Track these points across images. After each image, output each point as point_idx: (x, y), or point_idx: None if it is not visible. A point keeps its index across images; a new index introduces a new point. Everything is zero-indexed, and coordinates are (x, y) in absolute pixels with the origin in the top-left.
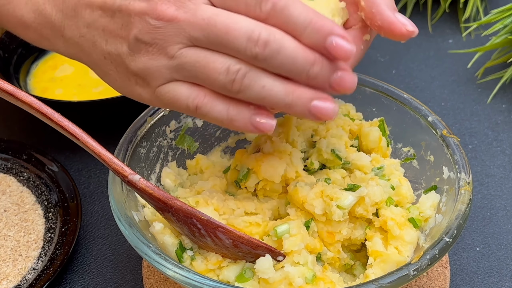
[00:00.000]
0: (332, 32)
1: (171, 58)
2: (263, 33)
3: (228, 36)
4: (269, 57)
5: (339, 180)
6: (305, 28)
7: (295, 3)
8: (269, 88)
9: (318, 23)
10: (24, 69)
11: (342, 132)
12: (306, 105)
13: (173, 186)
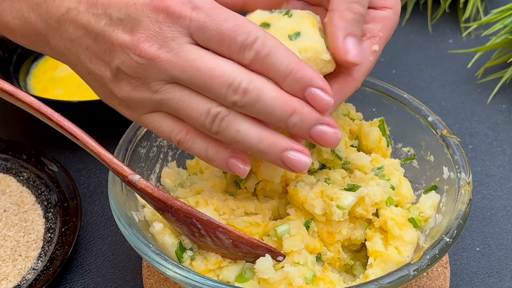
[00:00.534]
0: (311, 83)
1: (154, 92)
2: (244, 81)
3: (211, 81)
4: (247, 105)
5: (339, 180)
6: (285, 77)
7: (279, 51)
8: (244, 134)
9: (299, 73)
10: (24, 69)
11: (342, 132)
12: (278, 154)
13: (173, 186)
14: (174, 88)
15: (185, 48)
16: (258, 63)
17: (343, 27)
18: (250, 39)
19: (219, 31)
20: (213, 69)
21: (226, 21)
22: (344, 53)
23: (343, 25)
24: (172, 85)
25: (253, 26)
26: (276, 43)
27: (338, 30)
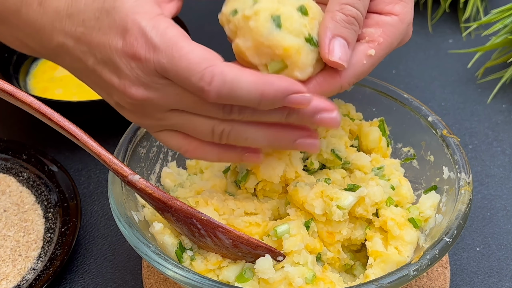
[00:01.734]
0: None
1: (157, 120)
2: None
3: (205, 106)
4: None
5: (339, 180)
6: (258, 103)
7: (241, 83)
8: (252, 139)
9: (270, 94)
10: (24, 69)
11: (342, 132)
12: (290, 145)
13: (173, 186)
14: (174, 114)
15: (168, 82)
16: (225, 100)
17: (332, 28)
18: (206, 80)
19: (176, 73)
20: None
21: (180, 60)
22: (327, 52)
23: (332, 25)
24: (172, 112)
25: (207, 61)
26: (234, 75)
27: (327, 30)
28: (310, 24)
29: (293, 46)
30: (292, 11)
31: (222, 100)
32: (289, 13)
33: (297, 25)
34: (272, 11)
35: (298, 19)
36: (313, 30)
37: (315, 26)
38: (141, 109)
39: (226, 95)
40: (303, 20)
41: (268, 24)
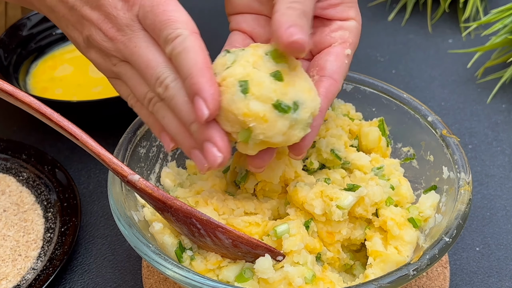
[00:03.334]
0: (198, 92)
1: (113, 65)
2: (168, 78)
3: (146, 70)
4: (167, 99)
5: (339, 180)
6: (185, 79)
7: (190, 53)
8: (167, 122)
9: (193, 79)
10: (24, 69)
11: (341, 132)
12: (187, 149)
13: (173, 186)
14: (127, 66)
15: (137, 35)
16: (173, 59)
17: (286, 20)
18: (173, 35)
19: (154, 21)
20: (150, 60)
21: (163, 13)
22: (287, 36)
23: (286, 18)
24: (126, 63)
25: (184, 24)
26: (193, 45)
27: (282, 22)
28: (283, 90)
29: (256, 112)
30: (263, 77)
31: (172, 57)
32: (259, 79)
33: (265, 91)
34: (241, 76)
35: (268, 85)
36: (285, 96)
37: (288, 92)
38: (104, 48)
39: (176, 54)
40: (273, 86)
41: (234, 89)
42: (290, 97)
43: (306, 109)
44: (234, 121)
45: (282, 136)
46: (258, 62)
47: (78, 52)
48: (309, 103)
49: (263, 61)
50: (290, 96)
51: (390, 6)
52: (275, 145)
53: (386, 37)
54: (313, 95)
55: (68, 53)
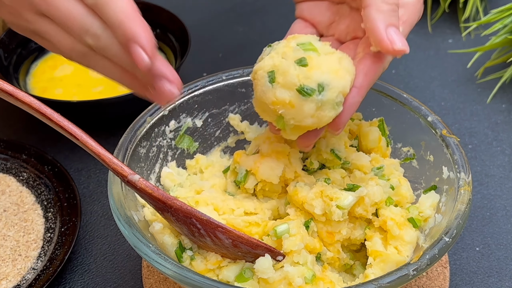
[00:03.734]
0: (133, 39)
1: (29, 22)
2: (97, 27)
3: (69, 22)
4: (101, 49)
5: (339, 180)
6: (116, 28)
7: (118, 1)
8: (108, 71)
9: (124, 27)
10: (24, 69)
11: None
12: (140, 92)
13: (173, 186)
14: (45, 21)
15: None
16: (98, 8)
17: (383, 19)
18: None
19: None
20: (70, 11)
21: None
22: (390, 43)
23: (382, 17)
24: (43, 17)
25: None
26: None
27: (379, 22)
28: (306, 74)
29: (282, 99)
30: (289, 65)
31: (96, 8)
32: (285, 68)
33: (290, 78)
34: (269, 67)
35: (292, 72)
36: (309, 79)
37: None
38: (16, 5)
39: (103, 4)
40: (297, 72)
41: (263, 80)
42: (314, 80)
43: (333, 89)
44: (269, 110)
45: (311, 118)
46: (287, 53)
47: None
48: (335, 83)
49: (292, 51)
50: (314, 79)
51: None
52: (309, 128)
53: None
54: (342, 74)
55: None
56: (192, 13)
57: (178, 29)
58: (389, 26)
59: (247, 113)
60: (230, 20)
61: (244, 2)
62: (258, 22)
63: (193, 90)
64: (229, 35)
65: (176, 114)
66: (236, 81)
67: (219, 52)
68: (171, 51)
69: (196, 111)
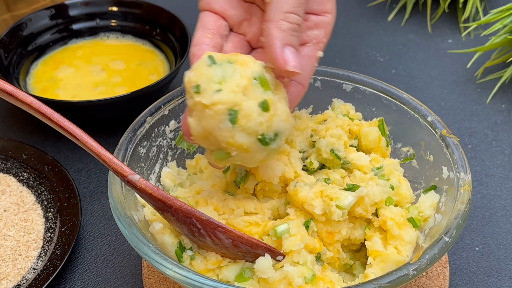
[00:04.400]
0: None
1: None
2: None
3: None
4: None
5: (339, 180)
6: None
7: None
8: None
9: None
10: (24, 69)
11: (341, 132)
12: None
13: (173, 186)
14: None
15: None
16: None
17: (281, 37)
18: None
19: None
20: None
21: None
22: (283, 63)
23: (280, 35)
24: None
25: None
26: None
27: (276, 40)
28: (268, 122)
29: (240, 144)
30: (252, 108)
31: None
32: (249, 110)
33: (253, 124)
34: (232, 104)
35: (256, 118)
36: (270, 129)
37: (273, 124)
38: None
39: None
40: (261, 118)
41: (223, 117)
42: (273, 129)
43: (283, 138)
44: (215, 143)
45: (257, 163)
46: (248, 88)
47: (79, 52)
48: (287, 131)
49: (252, 87)
50: (273, 128)
51: (390, 6)
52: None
53: (386, 37)
54: (291, 121)
55: (69, 53)
56: (192, 13)
57: (178, 29)
58: (286, 46)
59: None
60: None
61: None
62: None
63: None
64: None
65: (176, 114)
66: None
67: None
68: (171, 51)
69: None
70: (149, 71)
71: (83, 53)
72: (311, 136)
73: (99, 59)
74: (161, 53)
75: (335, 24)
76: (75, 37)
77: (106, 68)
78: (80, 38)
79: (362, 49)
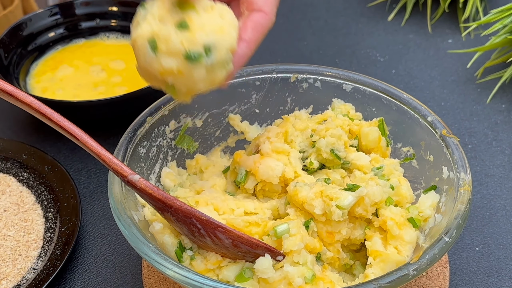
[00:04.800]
0: None
1: None
2: None
3: None
4: None
5: (339, 180)
6: None
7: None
8: None
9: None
10: (24, 69)
11: (341, 132)
12: None
13: (173, 186)
14: None
15: None
16: None
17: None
18: None
19: None
20: None
21: None
22: None
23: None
24: None
25: None
26: None
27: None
28: (190, 38)
29: (169, 69)
30: (169, 31)
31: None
32: (165, 34)
33: (173, 45)
34: (149, 34)
35: (174, 38)
36: (194, 44)
37: (197, 38)
38: None
39: None
40: (181, 37)
41: (145, 50)
42: (200, 43)
43: (221, 49)
44: (157, 79)
45: (203, 82)
46: (164, 16)
47: (78, 53)
48: (222, 42)
49: (169, 13)
50: (199, 42)
51: (390, 6)
52: (203, 91)
53: (386, 37)
54: (227, 31)
55: (69, 53)
56: None
57: None
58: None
59: (247, 113)
60: None
61: None
62: None
63: None
64: None
65: (176, 114)
66: (236, 81)
67: None
68: None
69: (196, 111)
70: None
71: (83, 53)
72: (311, 136)
73: (99, 59)
74: None
75: (335, 24)
76: (75, 37)
77: (106, 68)
78: (80, 38)
79: (362, 49)
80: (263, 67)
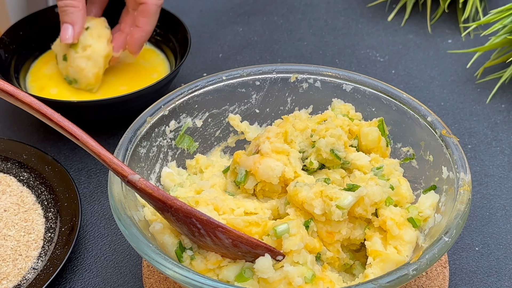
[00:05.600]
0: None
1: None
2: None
3: None
4: None
5: (339, 180)
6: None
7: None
8: None
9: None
10: (24, 69)
11: (341, 132)
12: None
13: (173, 186)
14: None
15: None
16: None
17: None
18: None
19: None
20: None
21: None
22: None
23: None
24: None
25: None
26: None
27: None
28: (67, 68)
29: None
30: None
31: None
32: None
33: (61, 67)
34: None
35: (61, 64)
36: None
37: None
38: None
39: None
40: (63, 65)
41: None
42: (70, 76)
43: (82, 80)
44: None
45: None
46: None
47: None
48: (82, 78)
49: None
50: (70, 74)
51: (390, 6)
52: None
53: (385, 37)
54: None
55: None
56: (192, 13)
57: (178, 29)
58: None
59: (247, 113)
60: (230, 20)
61: (244, 2)
62: (258, 22)
63: (193, 90)
64: (229, 35)
65: (176, 114)
66: (236, 81)
67: (219, 52)
68: (171, 51)
69: (196, 111)
70: (149, 71)
71: None
72: (311, 136)
73: None
74: (161, 52)
75: (335, 24)
76: None
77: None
78: None
79: (362, 49)
80: (263, 67)
